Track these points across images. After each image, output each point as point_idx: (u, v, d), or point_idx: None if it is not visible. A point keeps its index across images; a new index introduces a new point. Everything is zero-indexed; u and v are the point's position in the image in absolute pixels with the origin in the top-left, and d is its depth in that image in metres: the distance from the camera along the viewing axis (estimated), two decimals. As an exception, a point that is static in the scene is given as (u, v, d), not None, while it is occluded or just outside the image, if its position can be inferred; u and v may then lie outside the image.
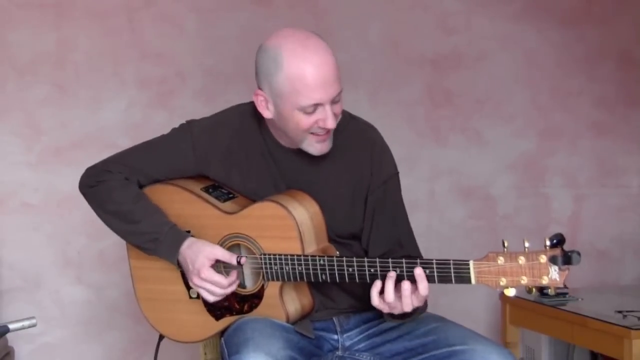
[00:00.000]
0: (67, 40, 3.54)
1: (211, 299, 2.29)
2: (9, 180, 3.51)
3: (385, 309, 2.16)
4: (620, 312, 3.20)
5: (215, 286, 2.26)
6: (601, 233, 4.01)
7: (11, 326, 1.99)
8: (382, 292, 2.14)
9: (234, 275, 2.28)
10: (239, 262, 2.25)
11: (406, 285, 2.10)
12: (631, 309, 3.21)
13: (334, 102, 2.23)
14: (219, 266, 2.29)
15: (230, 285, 2.27)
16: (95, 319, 3.58)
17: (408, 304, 2.12)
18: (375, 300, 2.14)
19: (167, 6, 3.63)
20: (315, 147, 2.28)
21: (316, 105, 2.21)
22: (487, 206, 3.93)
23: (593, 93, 4.00)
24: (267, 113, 2.29)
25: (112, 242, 3.41)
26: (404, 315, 2.18)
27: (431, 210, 3.86)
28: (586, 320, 3.24)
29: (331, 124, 2.23)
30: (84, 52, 3.56)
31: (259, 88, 2.28)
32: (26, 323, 1.99)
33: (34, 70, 3.52)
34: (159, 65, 3.62)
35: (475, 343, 2.19)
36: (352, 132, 2.38)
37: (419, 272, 2.09)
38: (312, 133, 2.26)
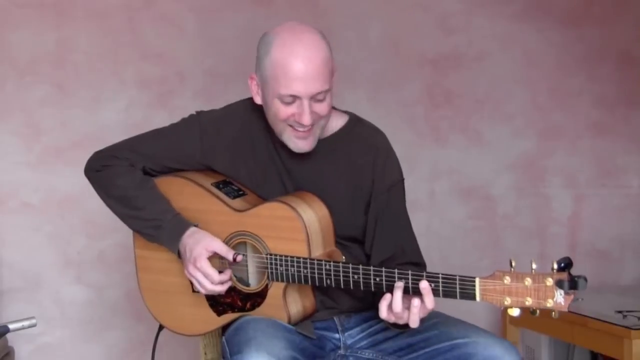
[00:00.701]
0: (67, 40, 3.54)
1: (201, 291, 2.29)
2: (9, 180, 3.50)
3: (391, 320, 2.15)
4: (620, 312, 3.20)
5: (205, 279, 2.26)
6: (601, 233, 4.01)
7: (11, 326, 1.99)
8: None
9: (227, 274, 2.28)
10: (234, 260, 2.25)
11: (416, 302, 2.09)
12: (631, 309, 3.21)
13: (315, 100, 2.24)
14: (225, 263, 2.29)
15: (220, 283, 2.27)
16: (95, 319, 3.57)
17: (415, 320, 2.10)
18: (383, 313, 2.12)
19: (167, 6, 3.63)
20: (294, 142, 2.29)
21: (294, 98, 2.23)
22: (487, 206, 3.93)
23: (593, 93, 4.00)
24: (257, 98, 2.33)
25: (112, 242, 3.43)
26: (407, 325, 2.15)
27: (431, 211, 3.86)
28: (586, 320, 3.24)
29: (306, 120, 2.23)
30: (84, 52, 3.56)
31: (255, 72, 2.31)
32: (26, 323, 1.99)
33: (34, 70, 3.51)
34: (159, 65, 3.62)
35: (477, 336, 2.20)
36: (356, 136, 2.38)
37: (424, 285, 2.08)
38: (290, 126, 2.27)
